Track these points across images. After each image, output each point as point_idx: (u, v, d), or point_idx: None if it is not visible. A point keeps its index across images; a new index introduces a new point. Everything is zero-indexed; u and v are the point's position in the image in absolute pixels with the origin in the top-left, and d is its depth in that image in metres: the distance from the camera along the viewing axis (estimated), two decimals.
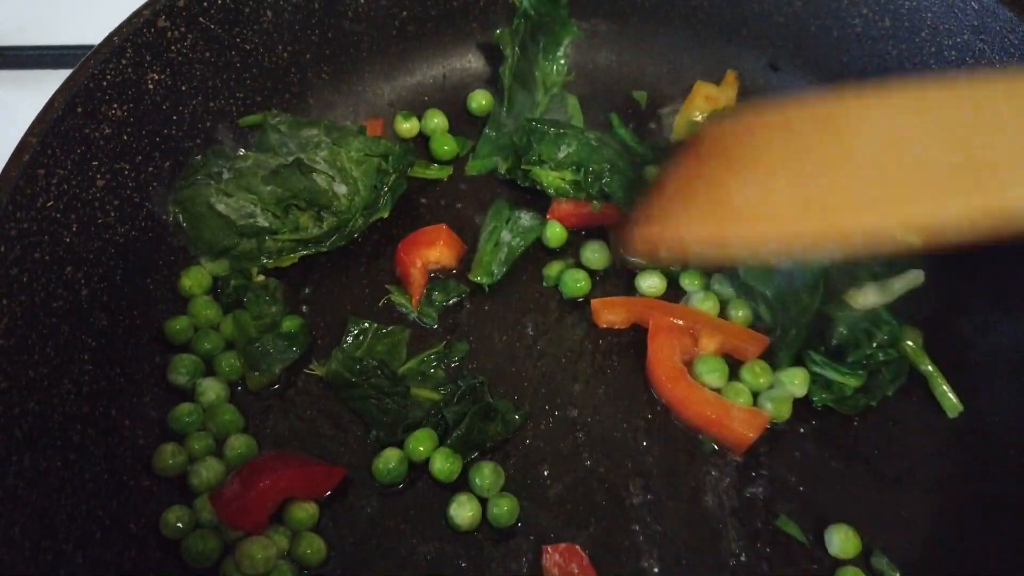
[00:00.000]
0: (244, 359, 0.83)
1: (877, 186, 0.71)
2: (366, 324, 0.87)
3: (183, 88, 0.86)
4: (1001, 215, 0.64)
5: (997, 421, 0.81)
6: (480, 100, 1.02)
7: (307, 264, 0.91)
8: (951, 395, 0.83)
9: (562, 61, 1.03)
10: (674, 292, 0.91)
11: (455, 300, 0.90)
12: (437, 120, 1.01)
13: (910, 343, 0.85)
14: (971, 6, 0.86)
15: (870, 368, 0.83)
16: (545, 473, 0.81)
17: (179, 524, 0.73)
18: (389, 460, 0.78)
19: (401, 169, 0.91)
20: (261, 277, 0.89)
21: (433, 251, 0.90)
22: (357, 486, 0.79)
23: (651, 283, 0.90)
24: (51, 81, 0.76)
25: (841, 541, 0.76)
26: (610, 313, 0.88)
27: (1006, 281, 0.85)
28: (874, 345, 0.83)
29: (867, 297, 0.84)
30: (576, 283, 0.89)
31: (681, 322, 0.86)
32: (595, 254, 0.92)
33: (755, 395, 0.84)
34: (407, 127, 1.01)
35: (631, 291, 0.91)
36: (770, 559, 0.76)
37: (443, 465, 0.78)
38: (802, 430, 0.83)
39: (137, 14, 0.80)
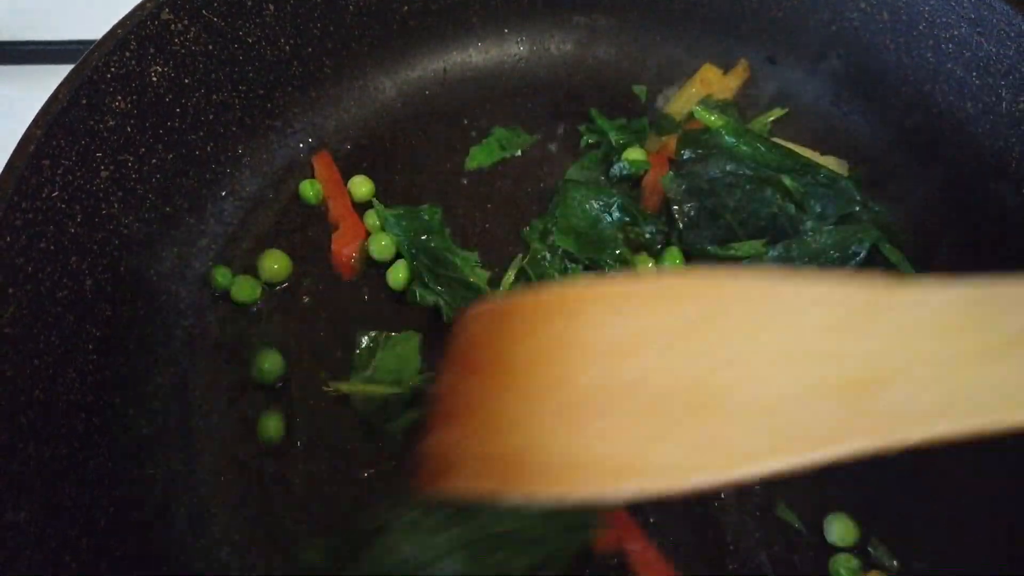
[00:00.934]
0: None
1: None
2: (373, 333, 0.86)
3: (186, 81, 0.86)
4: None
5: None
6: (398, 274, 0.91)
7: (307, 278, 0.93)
8: None
9: None
10: None
11: None
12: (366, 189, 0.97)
13: None
14: None
15: None
16: None
17: (220, 279, 0.87)
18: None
19: None
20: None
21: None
22: None
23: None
24: (53, 76, 0.77)
25: (839, 530, 0.77)
26: None
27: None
28: None
29: None
30: None
31: None
32: None
33: None
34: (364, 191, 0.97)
35: None
36: (768, 547, 0.77)
37: None
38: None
39: (140, 7, 0.81)
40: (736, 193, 0.91)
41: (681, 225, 0.91)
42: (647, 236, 0.90)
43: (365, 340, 0.86)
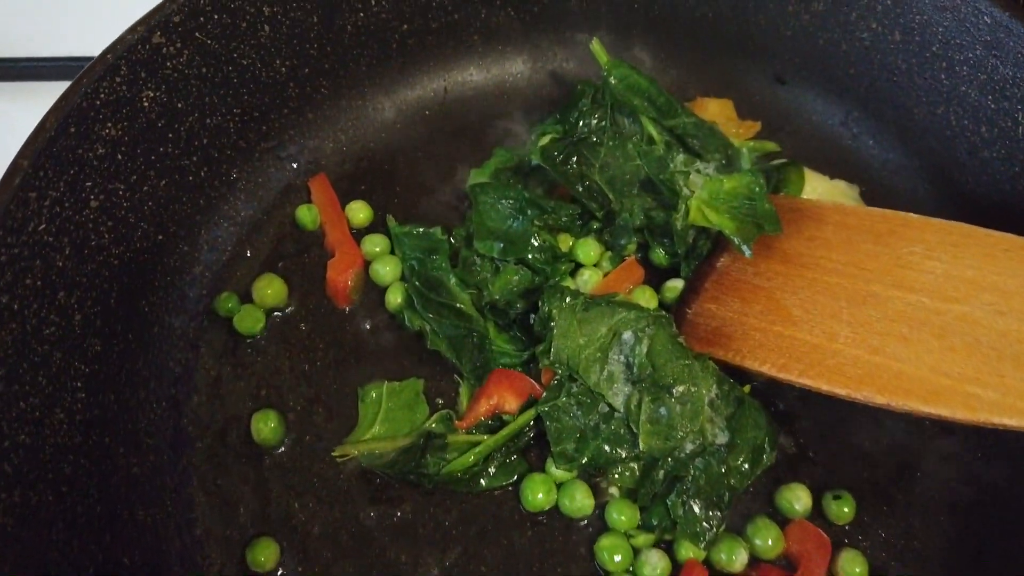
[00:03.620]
0: None
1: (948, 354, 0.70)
2: (374, 392, 0.83)
3: (179, 105, 0.83)
4: None
5: (1013, 446, 0.80)
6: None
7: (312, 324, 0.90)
8: None
9: None
10: None
11: None
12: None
13: None
14: (983, 20, 0.84)
15: None
16: None
17: (228, 305, 0.86)
18: None
19: None
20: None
21: None
22: None
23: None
24: (47, 93, 0.75)
25: (850, 567, 0.75)
26: None
27: None
28: None
29: None
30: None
31: None
32: None
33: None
34: (362, 217, 0.95)
35: None
36: None
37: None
38: (811, 454, 0.82)
39: (132, 30, 0.78)
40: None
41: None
42: (564, 220, 0.89)
43: (371, 395, 0.83)
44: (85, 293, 0.75)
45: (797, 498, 0.78)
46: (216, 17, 0.83)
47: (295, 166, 0.97)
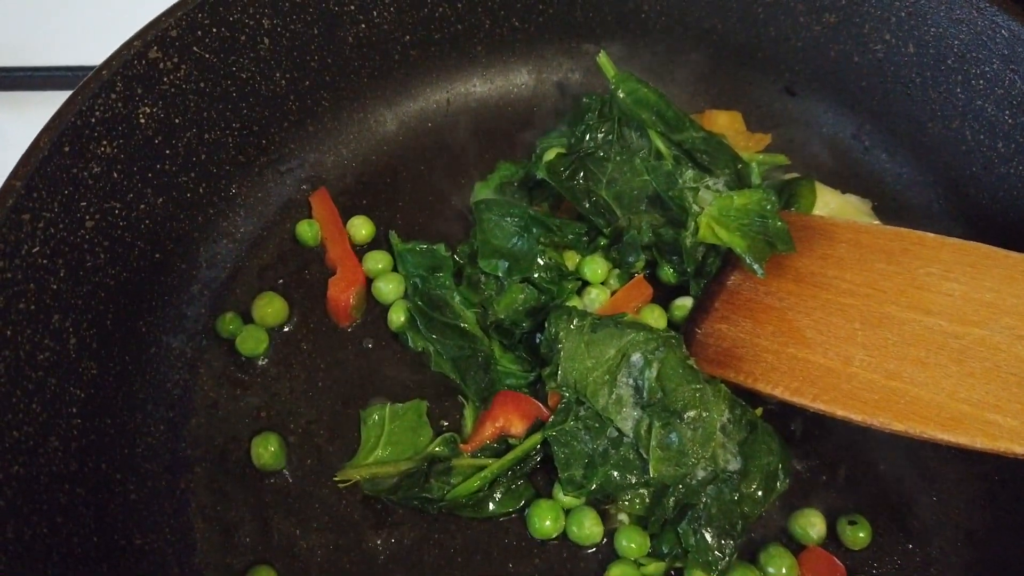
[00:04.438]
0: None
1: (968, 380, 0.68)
2: (376, 414, 0.81)
3: (176, 121, 0.81)
4: None
5: None
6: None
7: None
8: None
9: None
10: None
11: None
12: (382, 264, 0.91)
13: None
14: (1001, 34, 0.82)
15: None
16: None
17: (231, 327, 0.85)
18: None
19: None
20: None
21: None
22: None
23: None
24: (43, 104, 0.73)
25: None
26: None
27: None
28: None
29: None
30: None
31: None
32: None
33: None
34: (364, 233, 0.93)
35: None
36: None
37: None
38: (824, 477, 0.80)
39: (127, 45, 0.76)
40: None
41: None
42: (570, 238, 0.87)
43: (374, 417, 0.81)
44: (80, 316, 0.73)
45: (811, 524, 0.76)
46: (215, 31, 0.81)
47: (295, 181, 0.95)
